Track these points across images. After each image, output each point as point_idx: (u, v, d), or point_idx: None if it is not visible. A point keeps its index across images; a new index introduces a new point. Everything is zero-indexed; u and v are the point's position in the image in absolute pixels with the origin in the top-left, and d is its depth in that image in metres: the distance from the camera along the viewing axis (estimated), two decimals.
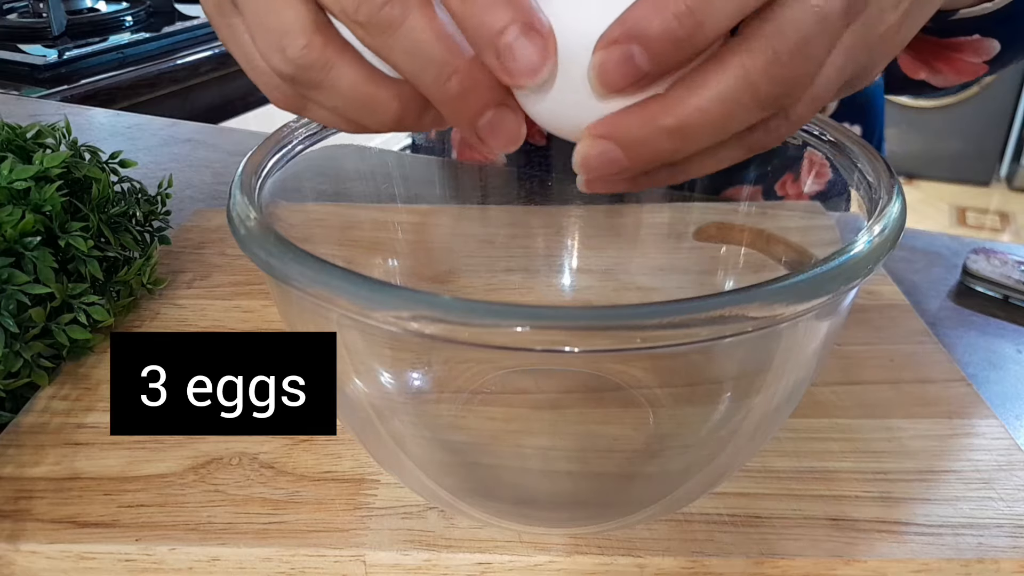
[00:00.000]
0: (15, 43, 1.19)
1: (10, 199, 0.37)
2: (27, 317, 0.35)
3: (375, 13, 0.21)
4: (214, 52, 1.29)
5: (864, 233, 0.24)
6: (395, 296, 0.21)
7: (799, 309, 0.22)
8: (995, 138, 2.57)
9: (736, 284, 0.38)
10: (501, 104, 0.23)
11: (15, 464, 0.33)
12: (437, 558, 0.30)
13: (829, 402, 0.37)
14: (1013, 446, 0.34)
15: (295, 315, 0.27)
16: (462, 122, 0.23)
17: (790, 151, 0.32)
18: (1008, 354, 0.44)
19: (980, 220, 2.46)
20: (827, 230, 0.33)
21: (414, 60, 0.22)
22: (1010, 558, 0.29)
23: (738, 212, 0.37)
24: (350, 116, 0.25)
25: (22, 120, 0.44)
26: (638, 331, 0.20)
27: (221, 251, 0.48)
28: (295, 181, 0.31)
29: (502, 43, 0.21)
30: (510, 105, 0.23)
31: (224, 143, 0.70)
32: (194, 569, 0.30)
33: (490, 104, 0.23)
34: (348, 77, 0.23)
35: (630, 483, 0.31)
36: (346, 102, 0.24)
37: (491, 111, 0.23)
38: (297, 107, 0.25)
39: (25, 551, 0.30)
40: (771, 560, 0.29)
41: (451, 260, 0.43)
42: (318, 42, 0.23)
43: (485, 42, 0.21)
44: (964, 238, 0.56)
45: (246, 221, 0.25)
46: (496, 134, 0.23)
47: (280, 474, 0.33)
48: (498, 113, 0.23)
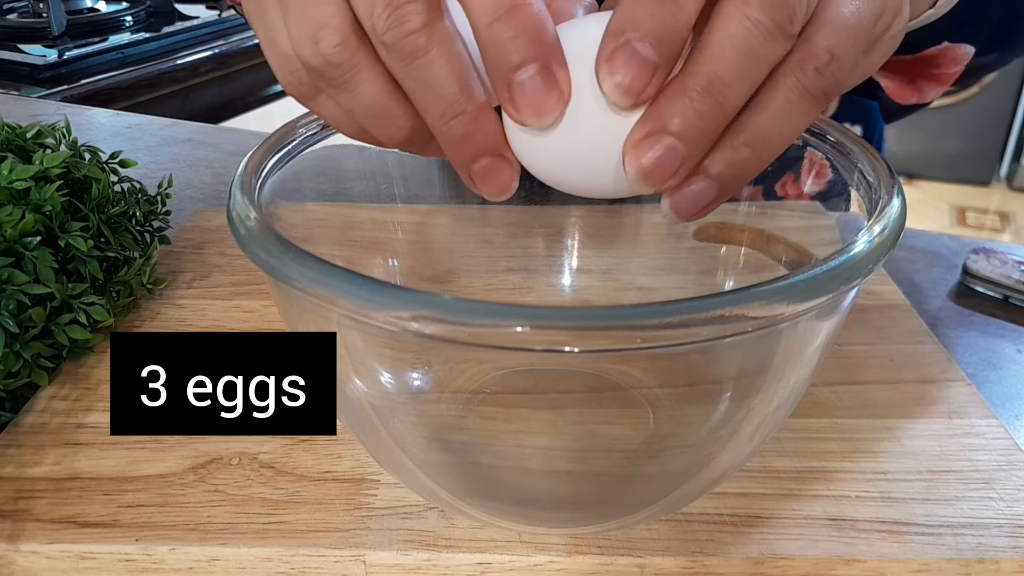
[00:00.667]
0: (15, 43, 1.19)
1: (10, 199, 0.37)
2: (27, 317, 0.35)
3: (401, 38, 0.22)
4: (214, 52, 1.29)
5: (864, 233, 0.24)
6: (395, 296, 0.21)
7: (799, 309, 0.22)
8: (995, 138, 2.57)
9: (736, 284, 0.38)
10: (498, 154, 0.23)
11: (15, 464, 0.33)
12: (437, 558, 0.30)
13: (829, 402, 0.37)
14: (1013, 446, 0.34)
15: (295, 315, 0.27)
16: (457, 162, 0.23)
17: (790, 151, 0.32)
18: (1008, 354, 0.44)
19: (980, 220, 2.46)
20: (827, 230, 0.33)
21: (426, 91, 0.22)
22: (1010, 558, 0.29)
23: (738, 212, 0.37)
24: (361, 123, 0.25)
25: (22, 120, 0.44)
26: (638, 331, 0.20)
27: (221, 251, 0.48)
28: (295, 181, 0.31)
29: (517, 78, 0.21)
30: (507, 157, 0.23)
31: (224, 143, 0.70)
32: (194, 569, 0.30)
33: (487, 152, 0.23)
34: (371, 86, 0.23)
35: (630, 483, 0.31)
36: (362, 109, 0.24)
37: (487, 159, 0.23)
38: (308, 98, 0.25)
39: (25, 551, 0.30)
40: (771, 560, 0.29)
41: (451, 260, 0.43)
42: (352, 43, 0.23)
43: (502, 71, 0.21)
44: (964, 238, 0.56)
45: (246, 221, 0.25)
46: (488, 181, 0.23)
47: (280, 474, 0.33)
48: (494, 163, 0.23)
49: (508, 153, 0.23)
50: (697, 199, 0.22)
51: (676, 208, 0.23)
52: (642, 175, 0.21)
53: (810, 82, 0.22)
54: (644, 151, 0.21)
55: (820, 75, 0.22)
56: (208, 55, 1.28)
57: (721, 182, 0.22)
